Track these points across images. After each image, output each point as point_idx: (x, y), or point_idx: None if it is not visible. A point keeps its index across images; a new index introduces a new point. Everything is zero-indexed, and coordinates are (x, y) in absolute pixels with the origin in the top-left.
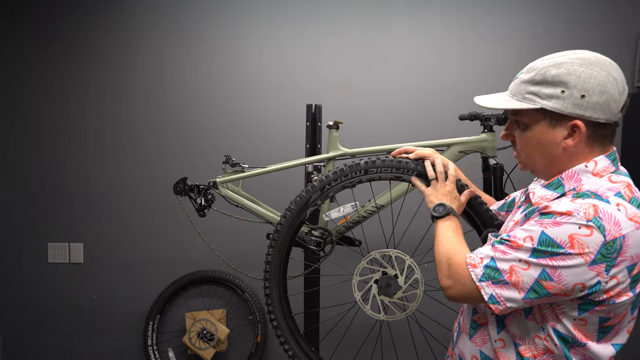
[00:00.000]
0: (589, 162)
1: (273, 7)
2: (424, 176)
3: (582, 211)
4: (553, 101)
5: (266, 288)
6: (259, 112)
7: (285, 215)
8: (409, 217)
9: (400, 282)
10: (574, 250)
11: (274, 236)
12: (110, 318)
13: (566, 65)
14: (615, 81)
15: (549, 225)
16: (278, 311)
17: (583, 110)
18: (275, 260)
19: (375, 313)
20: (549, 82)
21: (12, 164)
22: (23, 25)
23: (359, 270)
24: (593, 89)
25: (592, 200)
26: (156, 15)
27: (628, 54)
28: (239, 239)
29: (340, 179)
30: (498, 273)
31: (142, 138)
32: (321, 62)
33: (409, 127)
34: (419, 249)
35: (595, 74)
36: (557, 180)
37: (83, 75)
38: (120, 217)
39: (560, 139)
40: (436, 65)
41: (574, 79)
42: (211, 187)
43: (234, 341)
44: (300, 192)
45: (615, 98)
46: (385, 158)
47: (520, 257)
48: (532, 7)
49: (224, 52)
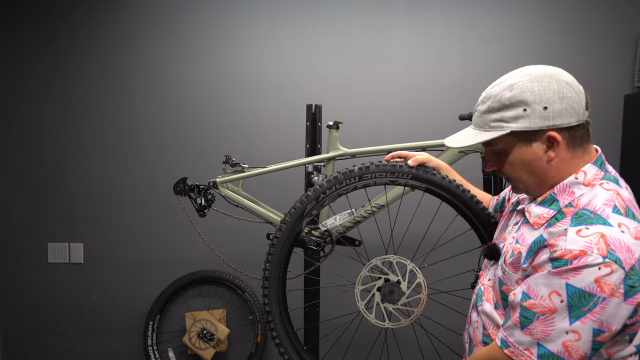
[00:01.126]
0: (578, 174)
1: (273, 7)
2: (419, 179)
3: (595, 247)
4: (520, 121)
5: (266, 305)
6: (259, 112)
7: (281, 228)
8: (407, 219)
9: (403, 287)
10: (606, 294)
11: (271, 250)
12: (110, 318)
13: (517, 85)
14: (568, 84)
15: (570, 276)
16: (279, 327)
17: (551, 120)
18: (274, 275)
19: (380, 321)
20: (507, 105)
21: (13, 164)
22: (23, 25)
23: (361, 279)
24: (551, 98)
25: (597, 228)
26: (156, 15)
27: (628, 54)
28: (239, 239)
29: (335, 187)
30: (557, 358)
31: (142, 138)
32: (321, 62)
33: (409, 127)
34: (419, 251)
35: (547, 85)
36: (550, 196)
37: (83, 75)
38: (121, 217)
39: (542, 153)
40: (436, 65)
41: (530, 95)
42: (211, 187)
43: (234, 341)
44: (295, 203)
45: (575, 99)
46: (379, 163)
47: (564, 327)
48: (532, 7)
49: (224, 52)
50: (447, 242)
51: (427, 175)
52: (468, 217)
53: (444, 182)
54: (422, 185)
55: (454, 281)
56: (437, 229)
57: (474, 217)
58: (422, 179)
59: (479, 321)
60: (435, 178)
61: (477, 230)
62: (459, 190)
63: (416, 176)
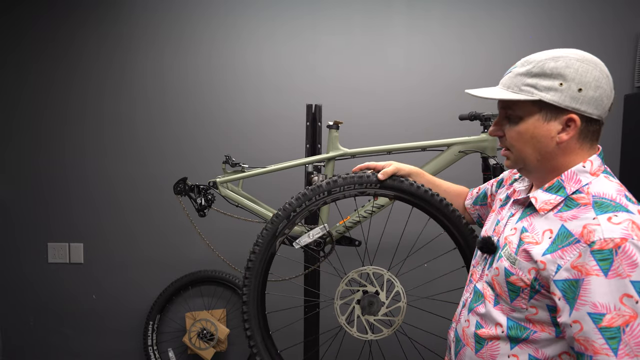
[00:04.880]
0: (585, 162)
1: (273, 7)
2: (387, 187)
3: (633, 234)
4: (551, 93)
5: (247, 329)
6: (259, 112)
7: (254, 251)
8: (381, 228)
9: (382, 297)
10: None
11: (247, 274)
12: (110, 318)
13: (564, 59)
14: (608, 78)
15: (630, 272)
16: (263, 351)
17: (579, 104)
18: (252, 298)
19: (362, 334)
20: (547, 74)
21: (13, 164)
22: (23, 25)
23: (339, 294)
24: (589, 83)
25: (625, 215)
26: (155, 16)
27: (628, 54)
28: (239, 239)
29: (305, 203)
30: None
31: (142, 138)
32: (321, 62)
33: (409, 127)
34: (395, 259)
35: (591, 69)
36: (558, 182)
37: (82, 74)
38: (121, 217)
39: (555, 133)
40: (436, 65)
41: (572, 72)
42: (211, 187)
43: (234, 341)
44: (266, 225)
45: (608, 94)
46: (347, 175)
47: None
48: (532, 7)
49: (224, 52)
50: (422, 247)
51: (395, 183)
52: (440, 220)
53: (412, 188)
54: (391, 194)
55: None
56: (412, 234)
57: (445, 220)
58: (390, 187)
59: (470, 320)
60: (403, 185)
61: (450, 232)
62: (427, 195)
63: (384, 185)
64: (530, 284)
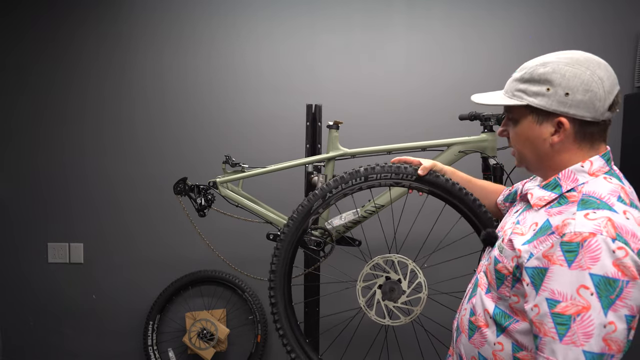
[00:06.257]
0: (584, 162)
1: (272, 7)
2: (424, 182)
3: (604, 230)
4: (539, 98)
5: (271, 297)
6: (259, 112)
7: (288, 224)
8: (411, 219)
9: (404, 286)
10: (628, 277)
11: (278, 245)
12: (110, 318)
13: (552, 64)
14: (601, 80)
15: (590, 265)
16: (284, 319)
17: (567, 107)
18: (280, 269)
19: (380, 318)
20: (535, 80)
21: (12, 163)
22: (22, 25)
23: (363, 276)
24: (577, 87)
25: (604, 213)
26: (154, 16)
27: (628, 54)
28: (239, 239)
29: (341, 186)
30: (600, 356)
31: (142, 138)
32: (321, 62)
33: (409, 127)
34: (422, 252)
35: (580, 73)
36: (555, 180)
37: (82, 74)
38: (120, 217)
39: (547, 135)
40: (436, 65)
41: (559, 78)
42: (211, 187)
43: (234, 341)
44: (302, 201)
45: (600, 97)
46: (385, 164)
47: (602, 321)
48: (534, 7)
49: (224, 52)
50: (450, 244)
51: (431, 178)
52: (471, 219)
53: (447, 184)
54: (426, 188)
55: (455, 283)
56: (441, 230)
57: (476, 220)
58: (426, 181)
59: (467, 309)
60: (439, 180)
61: (479, 233)
62: (461, 194)
63: (421, 179)
64: (512, 272)
